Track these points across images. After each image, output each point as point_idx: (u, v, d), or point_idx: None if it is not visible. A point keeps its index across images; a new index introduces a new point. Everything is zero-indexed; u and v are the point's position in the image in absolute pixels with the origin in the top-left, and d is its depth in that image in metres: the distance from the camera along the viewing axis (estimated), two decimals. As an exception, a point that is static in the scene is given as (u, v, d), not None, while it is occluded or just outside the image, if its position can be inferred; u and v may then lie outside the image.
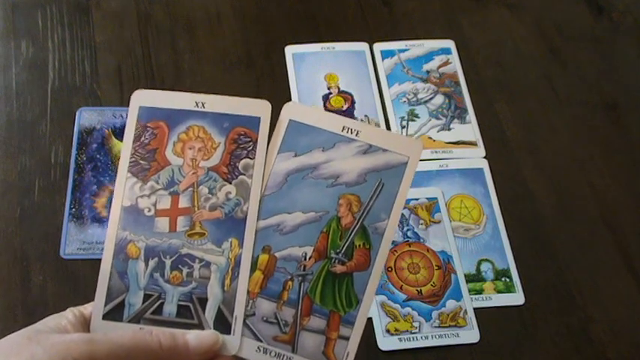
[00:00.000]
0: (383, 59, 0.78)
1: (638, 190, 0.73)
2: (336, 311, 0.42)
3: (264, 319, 0.42)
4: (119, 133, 0.70)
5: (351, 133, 0.44)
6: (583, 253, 0.68)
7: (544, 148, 0.75)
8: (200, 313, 0.42)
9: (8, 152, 0.68)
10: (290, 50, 0.78)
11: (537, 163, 0.74)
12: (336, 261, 0.43)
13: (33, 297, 0.61)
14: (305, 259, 0.43)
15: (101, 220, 0.65)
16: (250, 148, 0.44)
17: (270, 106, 0.45)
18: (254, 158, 0.44)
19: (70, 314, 0.41)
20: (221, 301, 0.42)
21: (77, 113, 0.71)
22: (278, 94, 0.74)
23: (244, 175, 0.44)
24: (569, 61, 0.81)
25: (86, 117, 0.71)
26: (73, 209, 0.66)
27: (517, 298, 0.65)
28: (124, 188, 0.44)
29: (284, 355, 0.42)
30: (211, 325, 0.42)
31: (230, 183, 0.44)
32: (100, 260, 0.43)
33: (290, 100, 0.75)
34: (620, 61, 0.82)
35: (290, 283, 0.43)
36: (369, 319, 0.63)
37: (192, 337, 0.40)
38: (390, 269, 0.65)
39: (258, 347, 0.42)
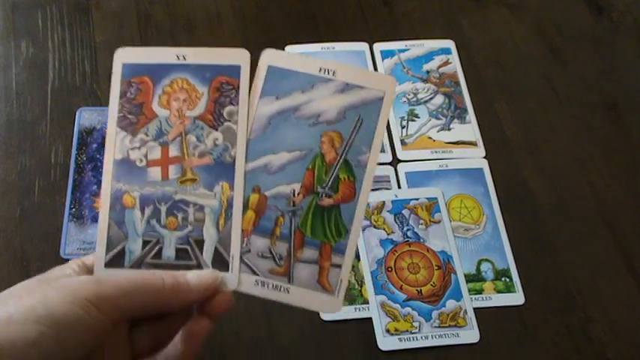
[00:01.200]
0: (383, 59, 0.78)
1: (638, 190, 0.73)
2: (327, 242, 0.44)
3: (260, 254, 0.44)
4: (119, 133, 0.70)
5: (328, 73, 0.46)
6: (583, 253, 0.68)
7: (544, 148, 0.75)
8: (198, 254, 0.44)
9: (8, 152, 0.68)
10: (290, 50, 0.78)
11: (537, 163, 0.74)
12: (324, 195, 0.45)
13: (33, 297, 0.61)
14: (294, 196, 0.45)
15: (101, 220, 0.65)
16: (233, 95, 0.46)
17: (248, 54, 0.46)
18: (237, 105, 0.46)
19: (73, 264, 0.42)
20: (217, 241, 0.44)
21: (77, 113, 0.71)
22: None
23: (229, 121, 0.45)
24: (569, 61, 0.81)
25: (86, 117, 0.71)
26: (73, 209, 0.66)
27: (517, 298, 0.65)
28: (115, 142, 0.45)
29: (281, 287, 0.44)
30: (210, 265, 0.43)
31: (216, 130, 0.45)
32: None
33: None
34: (620, 61, 0.82)
35: (281, 219, 0.45)
36: (369, 319, 0.63)
37: (193, 275, 0.42)
38: (390, 269, 0.65)
39: (256, 281, 0.44)
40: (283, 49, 0.77)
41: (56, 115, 0.71)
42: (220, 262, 0.44)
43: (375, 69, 0.78)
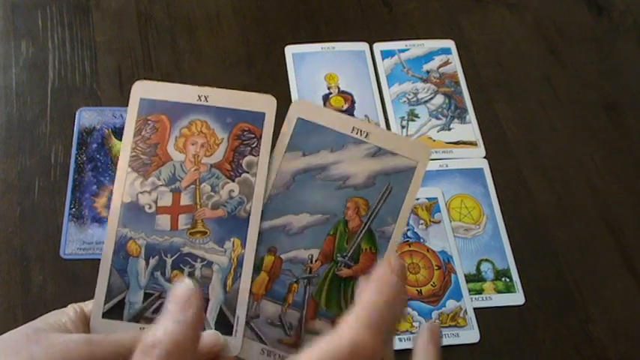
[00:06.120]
0: (383, 59, 0.78)
1: (638, 190, 0.73)
2: (342, 315, 0.41)
3: (269, 321, 0.42)
4: (119, 133, 0.70)
5: (361, 134, 0.43)
6: (583, 253, 0.68)
7: (544, 148, 0.75)
8: None
9: (8, 152, 0.68)
10: (290, 50, 0.78)
11: (537, 163, 0.74)
12: (342, 264, 0.42)
13: (33, 297, 0.61)
14: (311, 262, 0.42)
15: (101, 220, 0.65)
16: (254, 144, 0.43)
17: (275, 101, 0.43)
18: (258, 155, 0.43)
19: (70, 311, 0.40)
20: (223, 301, 0.41)
21: (77, 113, 0.71)
22: (278, 94, 0.74)
23: (248, 173, 0.43)
24: (569, 61, 0.81)
25: (86, 117, 0.71)
26: (73, 209, 0.66)
27: (517, 298, 0.65)
28: (125, 184, 0.42)
29: (288, 359, 0.41)
30: (212, 326, 0.41)
31: (233, 181, 0.43)
32: (100, 260, 0.42)
33: (290, 100, 0.75)
34: (620, 61, 0.82)
35: (295, 285, 0.42)
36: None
37: None
38: (390, 269, 0.65)
39: (262, 350, 0.41)
40: (283, 49, 0.77)
41: (56, 115, 0.71)
42: (224, 325, 0.41)
43: (375, 69, 0.78)
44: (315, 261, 0.42)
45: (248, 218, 0.42)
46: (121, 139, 0.69)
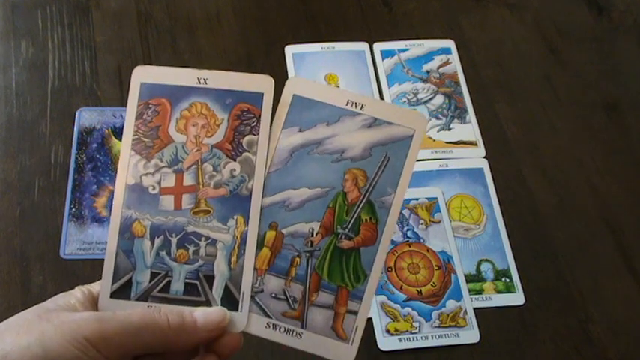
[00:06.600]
0: (383, 59, 0.78)
1: (638, 190, 0.73)
2: (344, 286, 0.42)
3: (273, 295, 0.42)
4: (119, 132, 0.70)
5: (356, 106, 0.44)
6: (583, 253, 0.68)
7: (544, 148, 0.75)
8: (207, 290, 0.42)
9: (8, 152, 0.68)
10: (290, 50, 0.78)
11: (537, 163, 0.74)
12: (343, 236, 0.43)
13: (33, 297, 0.61)
14: (312, 235, 0.43)
15: (101, 220, 0.65)
16: (254, 124, 0.44)
17: (272, 81, 0.44)
18: (258, 134, 0.44)
19: (78, 292, 0.41)
20: (228, 278, 0.42)
21: (77, 113, 0.71)
22: (278, 94, 0.74)
23: (248, 152, 0.44)
24: (569, 61, 0.81)
25: (86, 117, 0.71)
26: (73, 209, 0.66)
27: (517, 298, 0.65)
28: (128, 166, 0.43)
29: (293, 331, 0.42)
30: (219, 302, 0.42)
31: (234, 160, 0.44)
32: (100, 260, 0.43)
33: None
34: (620, 61, 0.82)
35: (297, 259, 0.43)
36: (369, 319, 0.63)
37: (200, 313, 0.41)
38: (390, 269, 0.65)
39: (267, 323, 0.42)
40: (283, 49, 0.77)
41: (56, 115, 0.71)
42: (230, 301, 0.42)
43: (375, 69, 0.78)
44: (316, 234, 0.43)
45: (250, 196, 0.43)
46: (121, 139, 0.69)
